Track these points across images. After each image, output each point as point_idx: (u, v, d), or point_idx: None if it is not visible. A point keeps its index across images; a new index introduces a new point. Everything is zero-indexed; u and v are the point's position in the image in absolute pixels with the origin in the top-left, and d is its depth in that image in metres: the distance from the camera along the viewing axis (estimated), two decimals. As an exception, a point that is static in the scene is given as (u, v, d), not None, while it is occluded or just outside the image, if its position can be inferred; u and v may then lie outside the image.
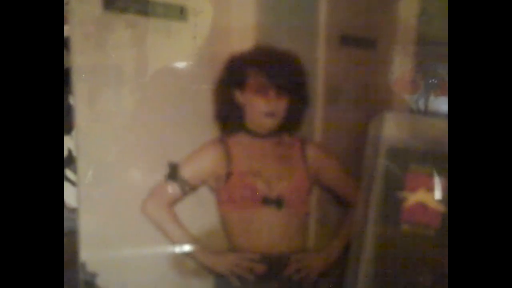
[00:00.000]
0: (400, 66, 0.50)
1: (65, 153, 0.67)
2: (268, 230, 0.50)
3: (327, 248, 0.52)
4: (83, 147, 0.47)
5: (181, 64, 0.47)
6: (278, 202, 0.50)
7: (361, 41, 0.49)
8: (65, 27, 0.44)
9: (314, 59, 0.48)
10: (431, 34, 0.50)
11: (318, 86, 0.49)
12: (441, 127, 0.47)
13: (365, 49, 0.49)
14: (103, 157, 0.48)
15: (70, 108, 0.67)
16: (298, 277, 0.52)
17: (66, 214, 0.65)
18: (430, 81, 0.51)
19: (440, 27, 0.48)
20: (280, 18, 0.47)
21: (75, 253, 0.50)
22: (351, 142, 0.51)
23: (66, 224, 0.61)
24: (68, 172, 0.68)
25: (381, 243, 0.48)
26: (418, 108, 0.51)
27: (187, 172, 0.49)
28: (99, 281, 0.50)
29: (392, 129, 0.49)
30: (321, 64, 0.48)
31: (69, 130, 0.67)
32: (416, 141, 0.48)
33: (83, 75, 0.45)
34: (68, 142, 0.66)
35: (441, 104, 0.52)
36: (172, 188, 0.49)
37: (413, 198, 0.47)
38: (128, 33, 0.44)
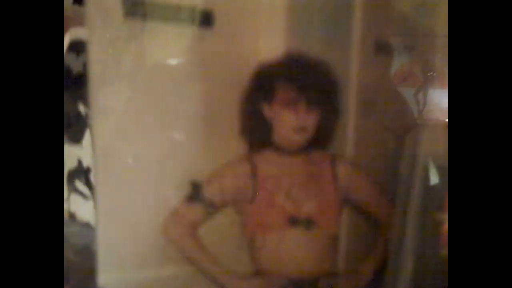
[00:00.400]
0: (399, 59, 0.47)
1: (75, 163, 0.64)
2: (296, 252, 0.47)
3: (358, 271, 0.49)
4: (102, 162, 0.44)
5: (206, 76, 0.43)
6: (307, 223, 0.47)
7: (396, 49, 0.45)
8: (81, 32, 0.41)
9: (347, 69, 0.45)
10: (430, 26, 0.47)
11: (350, 98, 0.45)
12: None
13: (401, 58, 0.46)
14: (122, 175, 0.45)
15: (80, 116, 0.65)
16: (328, 302, 0.49)
17: (79, 229, 0.63)
18: (429, 74, 0.48)
19: (440, 19, 0.45)
20: (312, 25, 0.44)
21: (93, 275, 0.47)
22: (385, 158, 0.47)
23: (81, 240, 0.58)
24: (78, 184, 0.65)
25: (419, 269, 0.45)
26: (417, 101, 0.48)
27: (210, 192, 0.45)
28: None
29: (430, 143, 0.45)
30: (354, 74, 0.45)
31: (79, 139, 0.64)
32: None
33: (101, 85, 0.42)
34: (78, 151, 0.63)
35: (441, 97, 0.49)
36: (195, 209, 0.45)
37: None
38: (149, 41, 0.41)
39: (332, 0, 0.45)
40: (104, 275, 0.46)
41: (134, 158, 0.44)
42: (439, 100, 0.48)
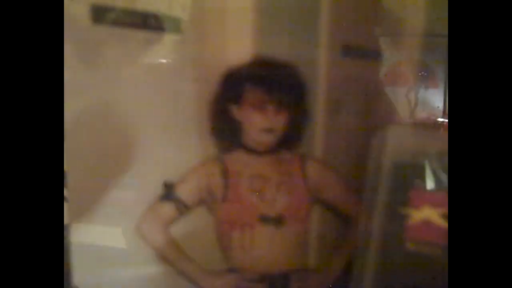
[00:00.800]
0: (390, 58, 0.48)
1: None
2: (267, 249, 0.49)
3: (328, 266, 0.51)
4: (74, 164, 0.45)
5: (176, 80, 0.44)
6: (277, 221, 0.48)
7: (365, 52, 0.46)
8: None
9: (315, 71, 0.46)
10: (422, 26, 0.48)
11: (318, 99, 0.47)
12: (446, 141, 0.45)
13: (369, 60, 0.47)
14: (95, 174, 0.46)
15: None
16: (299, 296, 0.50)
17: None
18: (420, 74, 0.49)
19: (431, 19, 0.46)
20: (279, 28, 0.45)
21: (67, 275, 0.48)
22: (353, 157, 0.49)
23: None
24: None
25: (385, 262, 0.46)
26: (408, 101, 0.49)
27: (183, 192, 0.46)
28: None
29: (396, 143, 0.47)
30: (322, 76, 0.46)
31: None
32: (421, 155, 0.46)
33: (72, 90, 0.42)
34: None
35: (432, 96, 0.50)
36: (168, 208, 0.47)
37: (418, 215, 0.45)
38: (120, 47, 0.42)
39: (299, 3, 0.45)
40: (79, 274, 0.47)
41: (107, 159, 0.45)
42: (431, 99, 0.49)
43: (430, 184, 0.46)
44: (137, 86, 0.44)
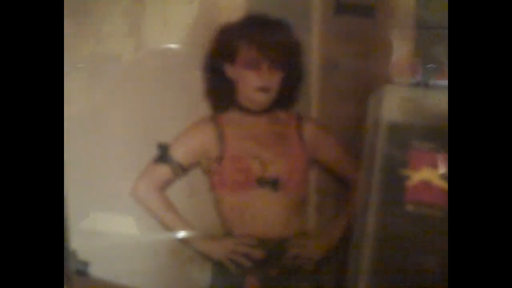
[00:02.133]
0: (398, 49, 0.47)
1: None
2: (264, 213, 0.48)
3: (327, 231, 0.50)
4: (70, 129, 0.45)
5: (169, 39, 0.44)
6: (274, 183, 0.47)
7: (358, 9, 0.46)
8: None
9: (308, 29, 0.45)
10: (430, 17, 0.47)
11: (313, 58, 0.46)
12: (444, 101, 0.44)
13: (363, 17, 0.46)
14: (89, 140, 0.46)
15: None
16: (297, 262, 0.49)
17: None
18: (429, 65, 0.48)
19: (439, 10, 0.46)
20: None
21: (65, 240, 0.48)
22: (350, 118, 0.48)
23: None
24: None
25: (385, 225, 0.45)
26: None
27: (178, 153, 0.46)
28: (91, 270, 0.48)
29: (393, 103, 0.46)
30: (316, 34, 0.45)
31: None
32: (419, 116, 0.45)
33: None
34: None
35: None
36: (163, 170, 0.46)
37: (417, 176, 0.44)
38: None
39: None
40: (76, 239, 0.47)
41: (101, 121, 0.45)
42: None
43: (429, 144, 0.45)
44: (129, 47, 0.44)
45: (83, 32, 0.43)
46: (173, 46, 0.44)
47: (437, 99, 0.45)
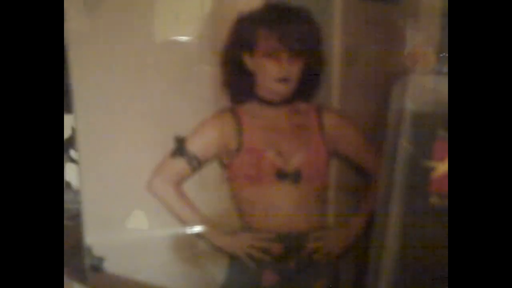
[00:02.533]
0: (412, 39, 0.46)
1: (68, 132, 0.64)
2: (284, 207, 0.47)
3: (348, 224, 0.49)
4: (83, 123, 0.44)
5: (186, 30, 0.42)
6: (294, 176, 0.46)
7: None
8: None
9: (329, 16, 0.44)
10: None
11: (334, 46, 0.44)
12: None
13: (386, 3, 0.44)
14: (105, 134, 0.45)
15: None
16: (317, 256, 0.48)
17: (72, 196, 0.63)
18: (441, 55, 0.47)
19: None
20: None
21: (80, 236, 0.47)
22: (372, 108, 0.46)
23: (75, 206, 0.58)
24: (72, 152, 0.65)
25: (408, 218, 0.44)
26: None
27: (195, 146, 0.45)
28: (106, 265, 0.47)
29: (417, 93, 0.44)
30: (337, 21, 0.44)
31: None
32: (444, 105, 0.44)
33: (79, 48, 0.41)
34: (72, 120, 0.63)
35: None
36: (180, 164, 0.45)
37: (443, 167, 0.43)
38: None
39: None
40: (91, 235, 0.46)
41: (117, 116, 0.44)
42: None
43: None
44: (145, 39, 0.43)
45: (98, 26, 0.41)
46: (188, 38, 0.43)
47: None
